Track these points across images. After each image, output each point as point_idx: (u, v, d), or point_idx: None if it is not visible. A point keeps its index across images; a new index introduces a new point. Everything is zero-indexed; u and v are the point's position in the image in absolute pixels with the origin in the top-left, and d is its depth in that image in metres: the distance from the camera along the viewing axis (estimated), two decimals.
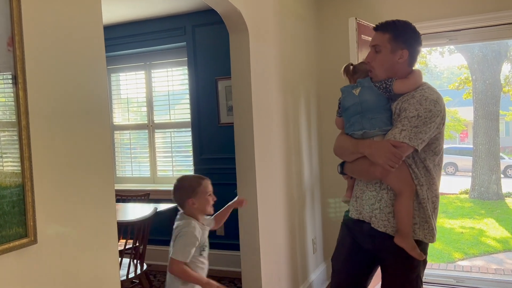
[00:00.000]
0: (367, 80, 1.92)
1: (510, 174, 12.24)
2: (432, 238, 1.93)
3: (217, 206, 4.47)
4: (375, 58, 1.92)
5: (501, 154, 11.21)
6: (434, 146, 1.89)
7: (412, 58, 1.94)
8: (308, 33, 3.75)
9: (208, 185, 2.20)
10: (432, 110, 1.80)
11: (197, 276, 2.10)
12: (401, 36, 1.90)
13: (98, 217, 1.52)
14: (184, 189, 2.17)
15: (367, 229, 1.96)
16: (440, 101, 1.86)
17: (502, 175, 10.96)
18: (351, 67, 2.01)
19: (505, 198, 10.03)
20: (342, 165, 2.07)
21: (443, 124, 1.90)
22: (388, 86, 1.87)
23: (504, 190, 10.27)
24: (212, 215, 2.37)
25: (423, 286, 1.99)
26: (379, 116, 1.87)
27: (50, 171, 1.34)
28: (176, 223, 2.18)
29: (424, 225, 1.91)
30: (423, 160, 1.88)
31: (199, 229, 2.13)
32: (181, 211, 2.22)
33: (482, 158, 10.30)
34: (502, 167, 11.28)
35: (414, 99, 1.83)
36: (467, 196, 10.68)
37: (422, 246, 1.91)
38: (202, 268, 2.17)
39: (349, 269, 2.10)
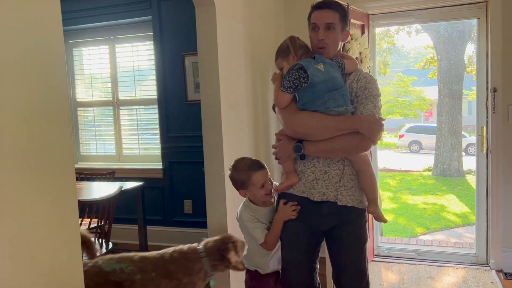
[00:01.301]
0: (321, 56, 1.92)
1: (471, 152, 12.66)
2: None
3: (187, 186, 4.45)
4: (329, 36, 1.92)
5: (463, 132, 11.57)
6: None
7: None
8: (277, 11, 3.70)
9: (259, 177, 2.06)
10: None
11: (275, 226, 2.06)
12: (346, 17, 1.97)
13: (58, 196, 1.47)
14: (234, 181, 2.13)
15: (329, 209, 1.97)
16: None
17: (463, 153, 11.34)
18: (298, 43, 1.96)
19: (466, 175, 10.40)
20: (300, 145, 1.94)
21: None
22: (341, 65, 1.95)
23: (465, 167, 10.64)
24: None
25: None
26: (347, 93, 1.92)
27: (1, 150, 1.27)
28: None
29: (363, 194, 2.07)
30: None
31: (247, 213, 2.12)
32: None
33: (445, 136, 10.61)
34: (463, 145, 11.66)
35: (367, 79, 1.95)
36: (430, 173, 11.02)
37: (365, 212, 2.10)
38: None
39: (310, 258, 2.08)
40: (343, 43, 2.03)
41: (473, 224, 4.30)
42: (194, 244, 2.27)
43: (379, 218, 2.04)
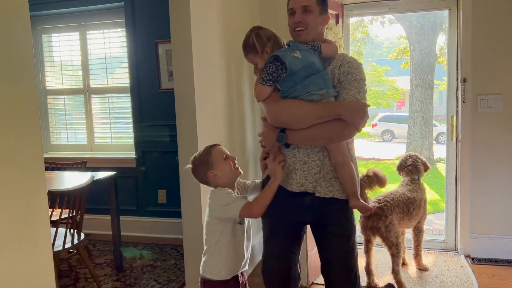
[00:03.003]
0: (297, 42, 1.88)
1: (441, 141, 12.96)
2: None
3: (161, 176, 4.40)
4: (306, 19, 1.89)
5: (434, 121, 11.82)
6: None
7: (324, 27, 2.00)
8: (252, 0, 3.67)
9: (219, 150, 1.95)
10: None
11: (265, 195, 1.87)
12: (324, 1, 1.95)
13: (26, 187, 1.43)
14: (198, 168, 1.95)
15: (309, 201, 1.92)
16: None
17: (434, 142, 11.59)
18: (263, 35, 1.89)
19: (436, 163, 10.65)
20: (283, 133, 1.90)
21: None
22: (317, 48, 1.88)
23: (436, 155, 10.89)
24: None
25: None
26: (329, 78, 1.85)
27: None
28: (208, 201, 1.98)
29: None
30: None
31: (222, 191, 1.91)
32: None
33: (416, 125, 10.82)
34: (434, 134, 11.91)
35: (351, 63, 1.87)
36: None
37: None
38: (242, 241, 1.96)
39: (290, 251, 2.05)
40: (324, 28, 1.99)
41: (443, 211, 4.41)
42: None
43: (364, 209, 1.98)
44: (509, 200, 3.56)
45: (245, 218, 1.95)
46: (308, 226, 2.11)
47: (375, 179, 3.09)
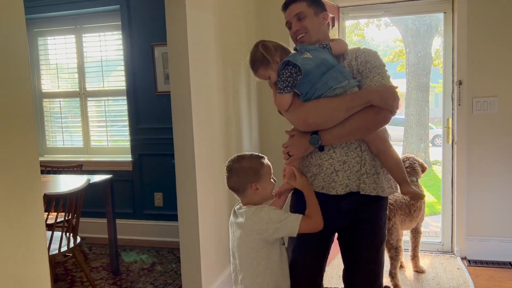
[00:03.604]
0: (304, 44, 1.86)
1: (437, 143, 12.99)
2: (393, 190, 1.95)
3: (157, 179, 4.40)
4: (302, 24, 1.89)
5: (430, 124, 11.85)
6: None
7: (329, 23, 1.98)
8: (248, 4, 3.67)
9: (269, 167, 1.83)
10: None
11: (315, 202, 1.78)
12: (316, 1, 1.94)
13: (21, 190, 1.42)
14: (245, 171, 1.79)
15: (349, 205, 1.83)
16: None
17: (430, 144, 11.63)
18: (271, 46, 1.86)
19: (432, 166, 10.67)
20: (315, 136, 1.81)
21: None
22: (326, 46, 1.86)
23: (432, 158, 10.92)
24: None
25: None
26: (345, 70, 1.81)
27: None
28: (239, 220, 1.79)
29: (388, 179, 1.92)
30: None
31: (271, 209, 1.78)
32: (238, 205, 1.87)
33: (412, 128, 10.84)
34: (430, 137, 11.95)
35: (366, 53, 1.84)
36: None
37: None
38: (282, 262, 1.83)
39: (319, 260, 1.97)
40: (327, 26, 1.97)
41: (439, 214, 4.42)
42: None
43: (416, 196, 1.88)
44: (505, 202, 3.58)
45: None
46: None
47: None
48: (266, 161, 1.84)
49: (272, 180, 1.83)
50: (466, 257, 3.66)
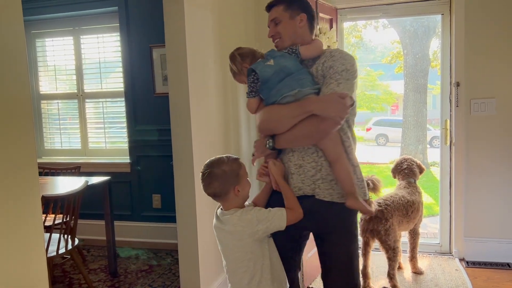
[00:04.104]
0: (273, 51, 1.93)
1: (435, 145, 13.01)
2: (365, 195, 1.95)
3: (155, 180, 4.40)
4: (277, 30, 1.95)
5: (428, 125, 11.87)
6: (354, 105, 1.89)
7: (311, 24, 1.97)
8: (247, 2, 3.68)
9: (244, 167, 1.87)
10: (354, 65, 1.82)
11: (290, 192, 1.85)
12: (294, 3, 1.94)
13: (19, 192, 1.42)
14: (226, 176, 1.79)
15: (309, 205, 1.86)
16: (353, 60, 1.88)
17: (428, 145, 11.64)
18: (238, 55, 1.97)
19: (430, 167, 10.69)
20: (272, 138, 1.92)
21: None
22: (295, 51, 1.89)
23: (430, 159, 10.93)
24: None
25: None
26: (305, 76, 1.83)
27: None
28: (227, 228, 1.80)
29: (361, 183, 1.92)
30: (347, 120, 1.87)
31: (255, 209, 1.84)
32: (219, 210, 1.88)
33: (410, 129, 10.86)
34: (428, 138, 11.96)
35: (335, 57, 1.82)
36: None
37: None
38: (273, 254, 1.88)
39: (288, 257, 1.99)
40: (307, 28, 1.95)
41: (437, 215, 4.42)
42: None
43: (363, 211, 1.88)
44: (503, 203, 3.58)
45: None
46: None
47: (372, 185, 3.11)
48: (241, 162, 1.88)
49: (248, 179, 1.88)
50: (464, 258, 3.66)
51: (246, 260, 1.80)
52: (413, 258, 3.44)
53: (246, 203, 1.93)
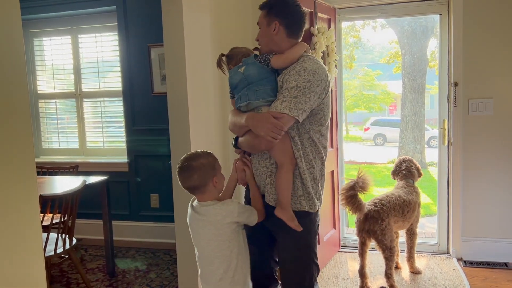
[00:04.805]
0: (251, 57, 1.95)
1: (433, 145, 13.03)
2: (314, 207, 1.95)
3: (153, 180, 4.38)
4: (259, 34, 1.99)
5: (425, 125, 11.89)
6: (319, 117, 1.90)
7: (290, 30, 1.92)
8: (245, 3, 3.67)
9: (217, 159, 1.97)
10: (311, 80, 1.80)
11: (258, 194, 1.99)
12: (273, 9, 1.93)
13: (17, 191, 1.41)
14: (204, 167, 1.86)
15: (269, 207, 1.95)
16: (320, 71, 1.84)
17: (426, 145, 11.66)
18: (223, 57, 2.04)
19: (428, 167, 10.71)
20: (236, 139, 2.05)
21: (326, 94, 1.88)
22: (266, 59, 1.91)
23: (428, 159, 10.95)
24: None
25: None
26: (263, 87, 1.88)
27: None
28: (207, 218, 1.87)
29: (307, 196, 1.93)
30: (308, 131, 1.89)
31: (234, 203, 1.92)
32: (196, 202, 1.94)
33: (408, 129, 10.88)
34: (426, 138, 11.99)
35: (294, 70, 1.84)
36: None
37: (310, 216, 1.96)
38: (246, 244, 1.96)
39: (255, 244, 2.04)
40: (283, 37, 1.93)
41: (435, 215, 4.43)
42: None
43: (288, 222, 1.88)
44: (500, 202, 3.59)
45: None
46: None
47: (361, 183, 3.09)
48: (214, 155, 1.96)
49: (222, 173, 1.96)
50: (462, 258, 3.67)
51: (224, 249, 1.86)
52: (410, 258, 3.45)
53: None
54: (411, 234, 3.42)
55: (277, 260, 2.11)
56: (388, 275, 3.09)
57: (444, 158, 3.80)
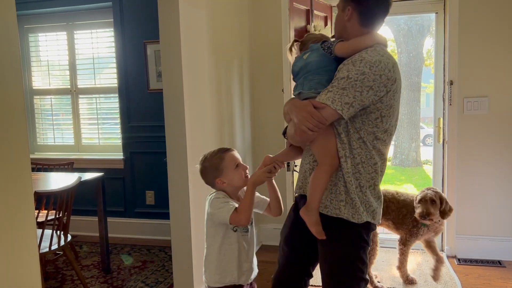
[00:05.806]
0: (318, 44, 1.79)
1: (428, 143, 13.06)
2: (358, 217, 1.69)
3: (149, 177, 4.37)
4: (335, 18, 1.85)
5: (421, 124, 11.92)
6: (373, 117, 1.64)
7: (364, 18, 1.71)
8: (241, 1, 3.68)
9: (232, 157, 1.92)
10: (366, 73, 1.57)
11: (246, 200, 1.83)
12: None
13: (12, 188, 1.41)
14: (206, 171, 1.92)
15: (303, 205, 1.78)
16: (382, 64, 1.59)
17: (421, 144, 11.69)
18: (295, 43, 1.91)
19: (423, 165, 10.74)
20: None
21: (388, 92, 1.62)
22: (331, 46, 1.73)
23: (423, 157, 10.99)
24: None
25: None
26: (319, 77, 1.72)
27: None
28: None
29: (350, 202, 1.69)
30: (358, 130, 1.66)
31: (219, 195, 1.90)
32: None
33: (403, 127, 10.90)
34: (421, 136, 12.01)
35: (351, 59, 1.64)
36: (389, 163, 11.31)
37: (353, 228, 1.71)
38: (235, 249, 1.91)
39: (289, 247, 1.93)
40: (355, 23, 1.73)
41: None
42: None
43: (310, 227, 1.74)
44: (495, 201, 3.61)
45: (249, 227, 1.94)
46: None
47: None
48: (227, 154, 1.93)
49: (236, 167, 1.91)
50: (456, 255, 3.69)
51: (206, 237, 1.96)
52: (402, 267, 3.34)
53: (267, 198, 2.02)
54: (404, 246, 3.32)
55: (311, 270, 1.95)
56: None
57: (439, 156, 3.82)
